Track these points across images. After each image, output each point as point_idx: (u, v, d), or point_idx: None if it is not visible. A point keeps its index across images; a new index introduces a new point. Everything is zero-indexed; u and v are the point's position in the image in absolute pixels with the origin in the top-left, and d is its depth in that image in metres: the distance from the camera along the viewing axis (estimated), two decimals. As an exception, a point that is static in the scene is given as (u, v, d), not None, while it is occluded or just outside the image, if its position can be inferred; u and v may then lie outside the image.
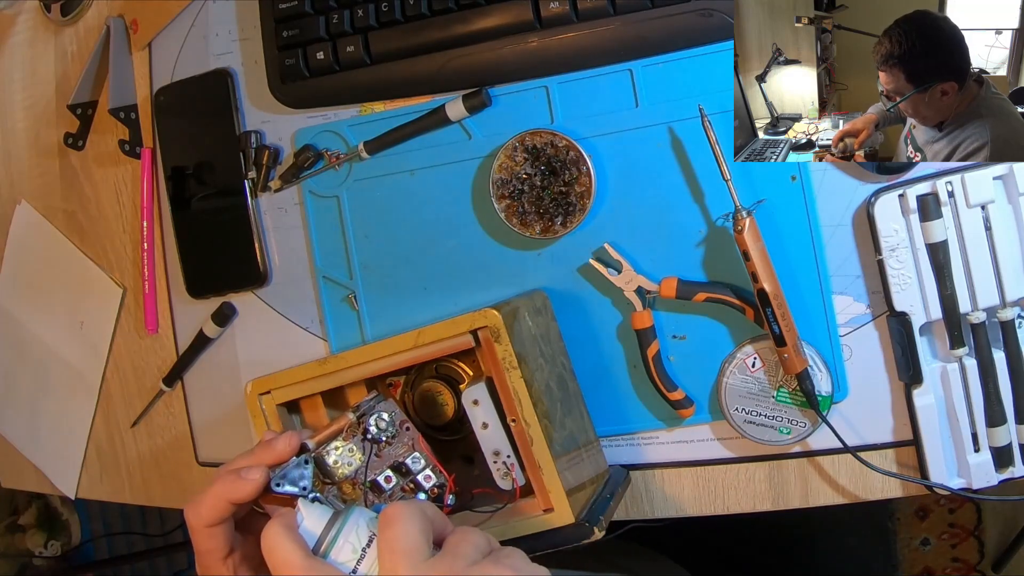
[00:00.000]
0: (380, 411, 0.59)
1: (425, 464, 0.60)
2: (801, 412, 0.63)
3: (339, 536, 0.45)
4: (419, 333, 0.61)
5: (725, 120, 0.62)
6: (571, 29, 0.64)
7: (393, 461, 0.59)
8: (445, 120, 0.68)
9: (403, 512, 0.44)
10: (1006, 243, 0.59)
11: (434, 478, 0.60)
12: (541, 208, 0.65)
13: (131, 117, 0.79)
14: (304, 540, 0.45)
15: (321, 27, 0.68)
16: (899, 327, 0.61)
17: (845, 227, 0.62)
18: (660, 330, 0.65)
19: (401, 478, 0.60)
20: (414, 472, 0.60)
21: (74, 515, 1.88)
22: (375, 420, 0.59)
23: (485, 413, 0.61)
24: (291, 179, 0.73)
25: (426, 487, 0.60)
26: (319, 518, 0.46)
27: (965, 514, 1.38)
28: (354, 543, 0.45)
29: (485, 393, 0.61)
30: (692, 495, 0.68)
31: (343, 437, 0.58)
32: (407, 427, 0.60)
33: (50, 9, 0.83)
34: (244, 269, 0.75)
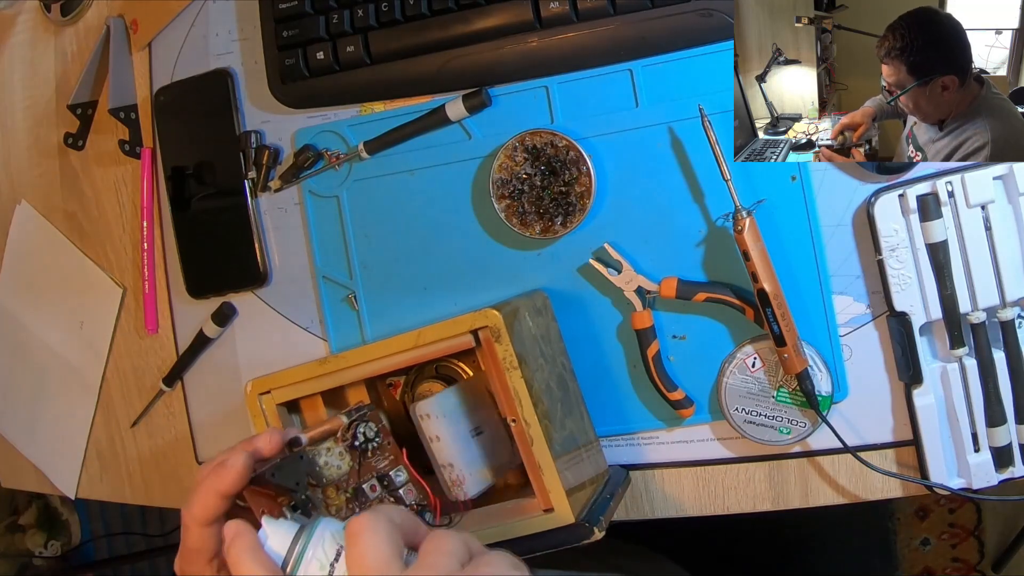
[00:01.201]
0: (369, 421, 0.59)
1: (408, 478, 0.60)
2: (801, 412, 0.63)
3: (306, 551, 0.43)
4: (419, 333, 0.61)
5: (725, 120, 0.62)
6: (571, 29, 0.64)
7: (378, 472, 0.59)
8: (445, 120, 0.68)
9: (368, 525, 0.41)
10: (1006, 243, 0.59)
11: (415, 492, 0.60)
12: (541, 208, 0.65)
13: (131, 117, 0.79)
14: (270, 559, 0.43)
15: (321, 27, 0.68)
16: (899, 327, 0.61)
17: (845, 227, 0.62)
18: (660, 330, 0.65)
19: (385, 489, 0.60)
20: (396, 485, 0.60)
21: (74, 515, 1.88)
22: (363, 429, 0.59)
23: (439, 425, 0.60)
24: (291, 179, 0.73)
25: (407, 501, 0.60)
26: (285, 534, 0.44)
27: (965, 514, 1.38)
28: (321, 559, 0.43)
29: (438, 407, 0.61)
30: (692, 495, 0.68)
31: (335, 439, 0.58)
32: (389, 442, 0.60)
33: (50, 9, 0.83)
34: (244, 269, 0.75)
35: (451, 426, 0.61)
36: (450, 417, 0.61)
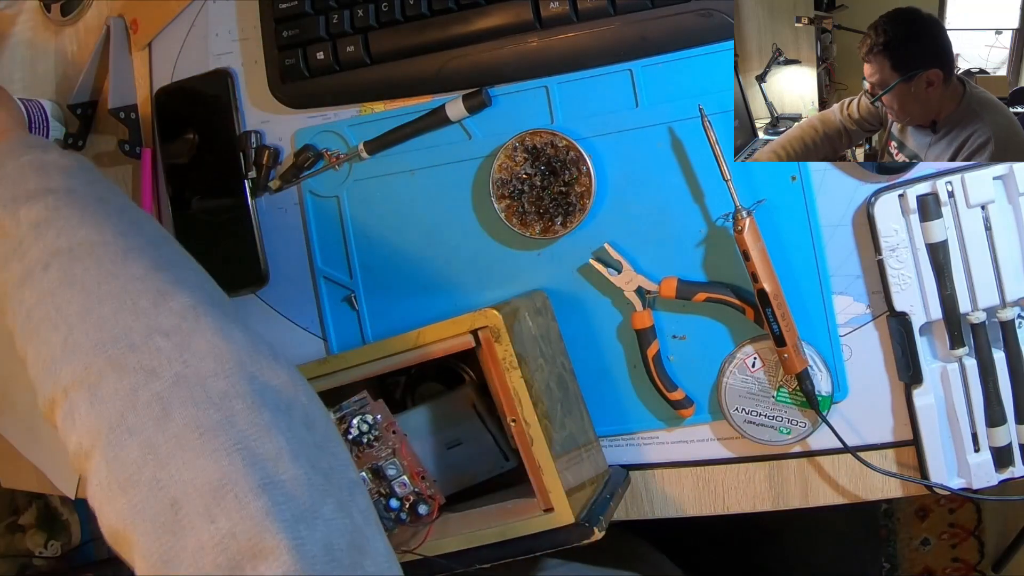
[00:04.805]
0: (365, 413, 0.59)
1: (400, 471, 0.60)
2: (801, 412, 0.63)
3: None
4: (419, 333, 0.61)
5: (725, 120, 0.62)
6: (571, 29, 0.64)
7: (372, 463, 0.59)
8: (445, 120, 0.68)
9: None
10: (1006, 243, 0.59)
11: (409, 486, 0.60)
12: (541, 208, 0.65)
13: (131, 117, 0.79)
14: None
15: (321, 27, 0.68)
16: (899, 327, 0.61)
17: (845, 227, 0.62)
18: (660, 330, 0.65)
19: (377, 482, 0.60)
20: (389, 478, 0.60)
21: (74, 515, 1.88)
22: (358, 422, 0.59)
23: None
24: (291, 179, 0.73)
25: (400, 494, 0.60)
26: None
27: (965, 514, 1.38)
28: None
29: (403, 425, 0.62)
30: (692, 495, 0.68)
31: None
32: (393, 431, 0.60)
33: (50, 9, 0.83)
34: (244, 269, 0.75)
35: (415, 441, 0.63)
36: (415, 433, 0.63)
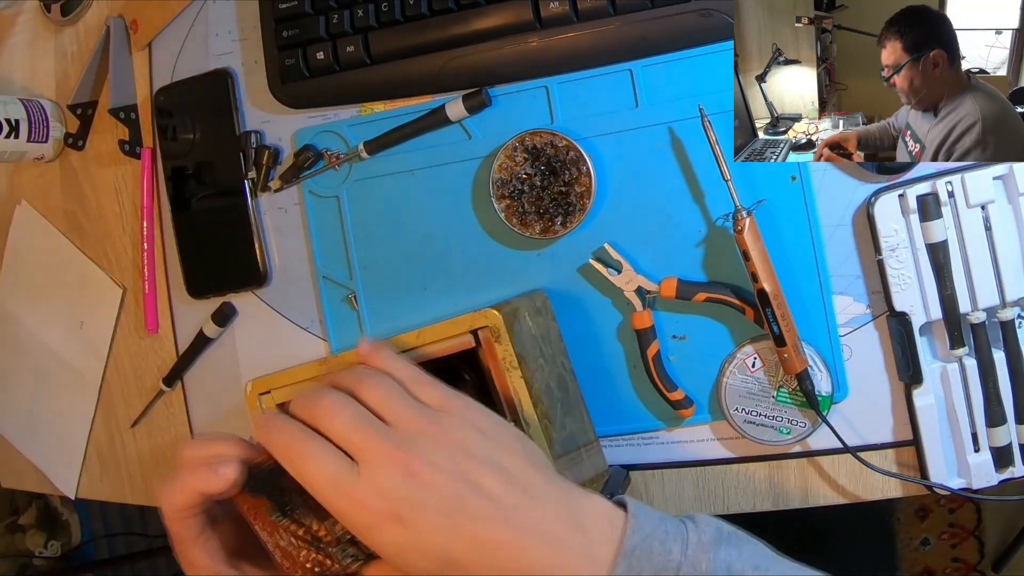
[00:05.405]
0: None
1: None
2: (801, 412, 0.63)
3: None
4: (419, 333, 0.61)
5: (725, 120, 0.62)
6: (571, 29, 0.64)
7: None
8: (445, 120, 0.68)
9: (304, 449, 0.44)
10: (1006, 243, 0.59)
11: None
12: (541, 208, 0.65)
13: (131, 117, 0.79)
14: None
15: (321, 27, 0.68)
16: (899, 327, 0.61)
17: (845, 227, 0.62)
18: (660, 330, 0.65)
19: None
20: None
21: (74, 515, 1.88)
22: None
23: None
24: (291, 179, 0.73)
25: None
26: None
27: (965, 514, 1.38)
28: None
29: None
30: (692, 495, 0.68)
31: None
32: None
33: (50, 9, 0.83)
34: (244, 269, 0.75)
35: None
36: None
